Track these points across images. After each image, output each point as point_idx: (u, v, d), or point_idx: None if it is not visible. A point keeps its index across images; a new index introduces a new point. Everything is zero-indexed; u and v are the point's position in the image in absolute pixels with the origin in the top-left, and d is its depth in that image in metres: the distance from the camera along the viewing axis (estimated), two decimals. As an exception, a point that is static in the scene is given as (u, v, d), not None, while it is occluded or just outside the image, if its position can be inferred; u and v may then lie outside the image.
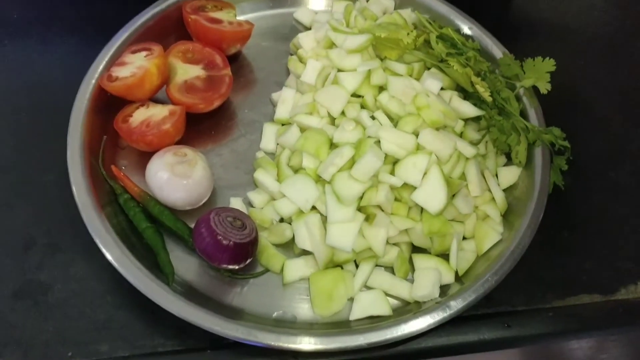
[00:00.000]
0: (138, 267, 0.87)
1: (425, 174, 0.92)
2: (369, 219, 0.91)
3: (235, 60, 1.17)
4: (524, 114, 1.05)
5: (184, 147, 0.98)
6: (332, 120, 1.02)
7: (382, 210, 0.92)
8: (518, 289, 0.95)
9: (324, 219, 0.93)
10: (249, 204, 1.00)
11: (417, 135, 0.95)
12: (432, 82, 0.99)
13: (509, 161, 1.04)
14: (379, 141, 0.94)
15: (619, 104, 1.19)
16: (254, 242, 0.90)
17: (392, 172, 0.93)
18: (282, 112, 1.07)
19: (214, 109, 1.07)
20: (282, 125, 1.07)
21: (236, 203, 0.99)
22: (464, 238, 0.97)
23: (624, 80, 1.23)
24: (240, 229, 0.90)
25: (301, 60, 1.12)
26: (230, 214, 0.92)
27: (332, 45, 1.09)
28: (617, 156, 1.12)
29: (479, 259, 0.96)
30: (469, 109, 1.01)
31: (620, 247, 1.02)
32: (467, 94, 1.04)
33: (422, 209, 0.93)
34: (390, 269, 0.95)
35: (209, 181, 0.97)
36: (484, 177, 1.00)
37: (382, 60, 1.05)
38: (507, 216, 0.99)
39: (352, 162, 0.93)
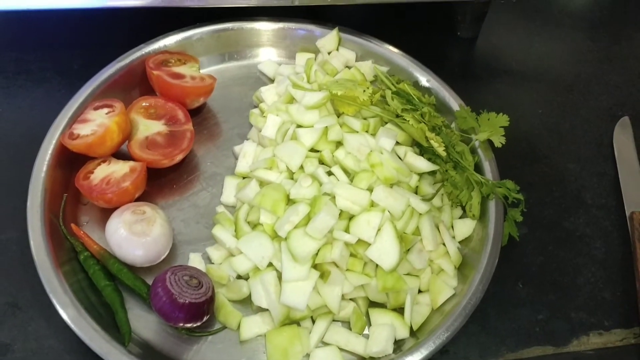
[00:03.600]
0: (94, 327, 0.88)
1: (378, 230, 0.93)
2: (324, 276, 0.93)
3: (199, 112, 1.19)
4: (478, 167, 1.07)
5: (143, 204, 1.00)
6: (291, 175, 1.04)
7: (337, 267, 0.94)
8: (472, 342, 0.97)
9: (281, 276, 0.94)
10: (208, 259, 1.01)
11: (371, 191, 0.97)
12: (386, 140, 1.01)
13: (465, 213, 1.06)
14: (335, 197, 0.96)
15: (575, 154, 1.22)
16: (210, 301, 0.92)
17: (347, 229, 0.95)
18: (242, 166, 1.09)
19: (176, 163, 1.09)
20: (243, 178, 1.08)
21: (195, 259, 1.00)
22: (420, 291, 0.99)
23: (581, 130, 1.26)
24: (196, 287, 0.91)
25: (263, 113, 1.14)
26: (186, 272, 0.93)
27: (292, 100, 1.11)
28: (573, 206, 1.15)
29: (434, 313, 0.97)
30: (423, 164, 1.03)
31: (574, 297, 1.04)
32: (422, 149, 1.06)
33: (377, 265, 0.95)
34: (347, 324, 0.96)
35: (168, 238, 0.98)
36: (439, 231, 1.02)
37: (339, 115, 1.08)
38: (462, 269, 1.01)
39: (308, 219, 0.95)
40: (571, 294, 1.04)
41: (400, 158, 1.03)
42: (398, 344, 0.94)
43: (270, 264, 0.96)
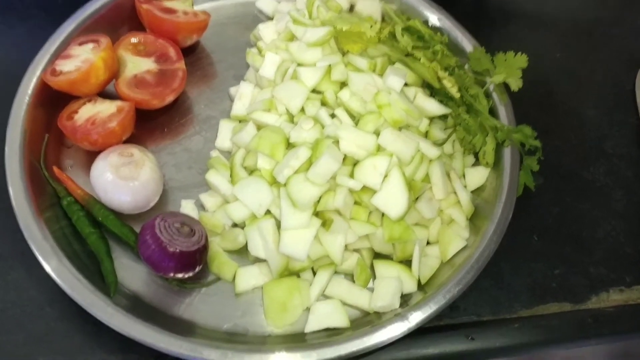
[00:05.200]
0: (77, 277, 0.82)
1: (385, 176, 0.86)
2: (326, 224, 0.86)
3: (192, 52, 1.10)
4: (493, 112, 0.99)
5: (131, 146, 0.92)
6: (291, 118, 0.96)
7: (341, 215, 0.87)
8: (484, 297, 0.91)
9: (280, 224, 0.87)
10: (202, 207, 0.94)
11: (378, 135, 0.89)
12: (395, 78, 0.93)
13: (478, 161, 0.99)
14: (338, 141, 0.88)
15: (595, 99, 1.14)
16: (202, 250, 0.85)
17: (352, 174, 0.88)
18: (239, 109, 1.01)
19: (167, 105, 1.01)
20: (239, 122, 1.01)
21: (187, 206, 0.93)
22: (428, 243, 0.92)
23: (602, 74, 1.18)
24: (188, 235, 0.84)
25: (261, 52, 1.06)
26: (177, 219, 0.86)
27: (292, 37, 1.03)
28: (592, 155, 1.07)
29: (443, 266, 0.91)
30: (435, 107, 0.95)
31: (593, 251, 0.97)
32: (433, 91, 0.98)
33: (383, 213, 0.88)
34: (350, 277, 0.90)
35: (158, 183, 0.91)
36: (450, 179, 0.94)
37: (344, 54, 0.99)
38: (474, 220, 0.94)
39: (309, 164, 0.87)
40: (590, 248, 0.97)
41: (409, 100, 0.95)
42: (405, 298, 0.87)
43: (268, 212, 0.89)
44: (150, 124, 1.01)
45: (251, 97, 1.01)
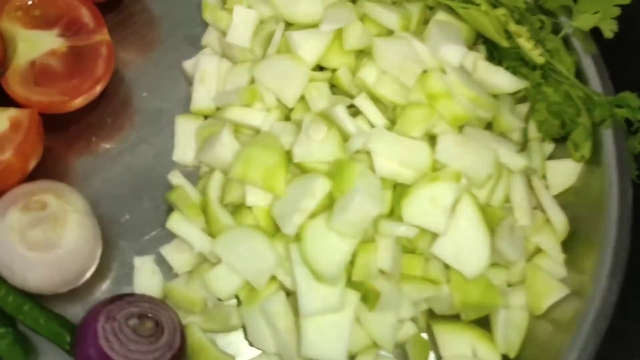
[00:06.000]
0: None
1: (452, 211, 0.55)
2: (368, 297, 0.55)
3: (116, 6, 0.73)
4: (579, 75, 0.67)
5: (42, 188, 0.58)
6: (287, 113, 0.63)
7: (388, 279, 0.56)
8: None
9: (293, 297, 0.56)
10: (164, 264, 0.62)
11: (430, 139, 0.57)
12: (450, 46, 0.59)
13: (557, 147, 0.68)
14: (370, 155, 0.56)
15: None
16: (178, 356, 0.54)
17: (395, 209, 0.56)
18: (201, 98, 0.66)
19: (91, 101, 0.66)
20: (205, 118, 0.67)
21: (144, 270, 0.62)
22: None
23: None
24: (152, 336, 0.53)
25: (225, 4, 0.70)
26: (132, 310, 0.55)
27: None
28: None
29: (535, 321, 0.62)
30: (507, 81, 0.63)
31: None
32: (495, 52, 0.65)
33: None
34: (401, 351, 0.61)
35: (92, 244, 0.59)
36: (532, 189, 0.64)
37: (354, 0, 0.65)
38: (568, 245, 0.64)
39: (329, 200, 0.55)
40: None
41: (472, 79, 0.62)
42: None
43: (272, 278, 0.57)
44: (69, 132, 0.68)
45: (218, 77, 0.66)
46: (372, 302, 0.55)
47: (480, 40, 0.66)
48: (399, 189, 0.57)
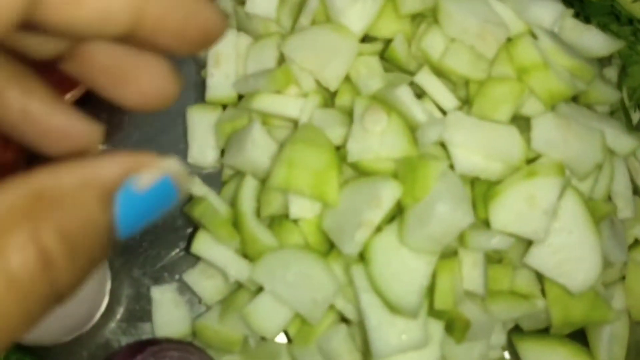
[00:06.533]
0: None
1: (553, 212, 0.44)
2: (454, 328, 0.44)
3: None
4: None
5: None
6: (328, 97, 0.51)
7: (476, 302, 0.45)
8: None
9: (355, 329, 0.45)
10: (189, 294, 0.50)
11: (519, 119, 0.45)
12: (541, 3, 0.47)
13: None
14: (448, 149, 0.45)
15: None
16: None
17: (481, 211, 0.45)
18: (219, 84, 0.53)
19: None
20: (224, 108, 0.54)
21: (164, 304, 0.49)
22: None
23: None
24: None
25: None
26: (156, 357, 0.43)
27: None
28: None
29: (634, 328, 0.51)
30: (600, 42, 0.51)
31: None
32: (586, 9, 0.53)
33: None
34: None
35: (98, 279, 0.46)
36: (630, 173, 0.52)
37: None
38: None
39: (396, 208, 0.44)
40: None
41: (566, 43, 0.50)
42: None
43: (331, 307, 0.46)
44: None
45: (236, 57, 0.54)
46: (459, 332, 0.43)
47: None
48: (479, 188, 0.46)
